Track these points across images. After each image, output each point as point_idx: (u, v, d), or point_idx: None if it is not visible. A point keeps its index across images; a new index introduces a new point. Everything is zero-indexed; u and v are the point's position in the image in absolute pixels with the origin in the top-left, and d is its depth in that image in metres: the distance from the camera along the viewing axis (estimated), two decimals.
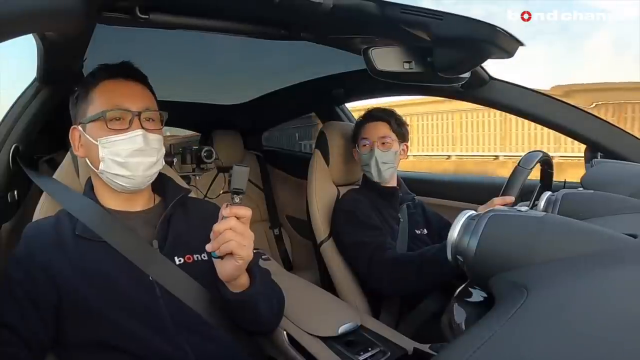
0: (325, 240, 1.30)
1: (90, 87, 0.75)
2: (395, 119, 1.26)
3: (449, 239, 0.40)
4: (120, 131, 0.72)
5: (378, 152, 1.22)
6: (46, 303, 0.68)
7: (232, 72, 1.83)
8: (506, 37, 0.80)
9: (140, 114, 0.73)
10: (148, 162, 0.74)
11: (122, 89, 0.74)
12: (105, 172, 0.73)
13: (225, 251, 0.64)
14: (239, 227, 0.63)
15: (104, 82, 0.74)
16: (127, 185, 0.74)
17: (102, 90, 0.74)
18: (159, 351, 0.68)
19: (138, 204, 0.79)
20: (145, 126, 0.73)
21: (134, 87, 0.75)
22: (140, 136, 0.72)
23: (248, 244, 0.65)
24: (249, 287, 0.70)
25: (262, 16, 0.79)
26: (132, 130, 0.72)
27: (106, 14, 0.69)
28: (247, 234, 0.65)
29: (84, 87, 0.76)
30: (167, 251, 0.75)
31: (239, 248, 0.63)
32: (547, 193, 0.63)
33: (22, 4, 0.48)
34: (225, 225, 0.63)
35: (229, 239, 0.63)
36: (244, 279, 0.70)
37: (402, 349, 0.90)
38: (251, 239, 0.65)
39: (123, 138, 0.71)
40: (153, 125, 0.76)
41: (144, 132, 0.72)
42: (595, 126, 1.12)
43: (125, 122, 0.72)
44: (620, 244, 0.37)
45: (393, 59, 0.88)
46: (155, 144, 0.75)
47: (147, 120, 0.74)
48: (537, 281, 0.32)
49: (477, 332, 0.29)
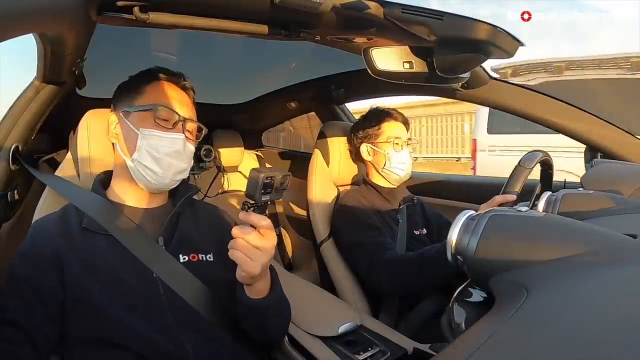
0: (325, 240, 1.30)
1: (145, 81, 0.78)
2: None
3: (449, 239, 0.40)
4: (164, 128, 0.74)
5: (407, 152, 1.25)
6: (52, 299, 0.67)
7: (232, 72, 1.83)
8: (506, 37, 0.81)
9: (185, 121, 0.76)
10: (180, 166, 0.76)
11: (177, 93, 0.78)
12: (138, 161, 0.74)
13: (232, 258, 0.62)
14: (251, 237, 0.60)
15: (159, 81, 0.77)
16: (153, 182, 0.75)
17: (156, 87, 0.77)
18: (160, 348, 0.67)
19: (152, 202, 0.80)
20: (186, 134, 0.76)
21: (186, 96, 0.80)
22: (181, 140, 0.75)
23: (256, 258, 0.61)
24: (266, 295, 0.69)
25: (262, 16, 0.79)
26: (176, 132, 0.75)
27: (106, 14, 0.69)
28: (260, 248, 0.61)
29: (137, 79, 0.79)
30: (172, 249, 0.75)
31: (242, 261, 0.61)
32: (547, 193, 0.63)
33: (22, 4, 0.48)
34: (239, 232, 0.61)
35: (236, 249, 0.61)
36: (262, 285, 0.68)
37: (402, 348, 0.90)
38: (263, 254, 0.62)
39: (165, 136, 0.74)
40: (191, 136, 0.79)
41: (185, 138, 0.75)
42: (595, 126, 1.12)
43: (170, 123, 0.75)
44: (620, 244, 0.37)
45: (393, 59, 0.88)
46: (189, 152, 0.77)
47: (188, 131, 0.77)
48: (537, 281, 0.32)
49: (477, 332, 0.29)
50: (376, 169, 1.28)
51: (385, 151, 1.24)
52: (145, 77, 0.78)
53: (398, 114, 1.29)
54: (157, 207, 0.80)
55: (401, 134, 1.26)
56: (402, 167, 1.24)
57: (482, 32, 0.78)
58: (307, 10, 0.71)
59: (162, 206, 0.81)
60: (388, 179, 1.28)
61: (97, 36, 0.80)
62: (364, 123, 1.30)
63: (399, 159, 1.24)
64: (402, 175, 1.26)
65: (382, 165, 1.26)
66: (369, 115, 1.31)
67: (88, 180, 0.83)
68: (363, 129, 1.29)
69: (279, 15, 0.76)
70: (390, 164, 1.24)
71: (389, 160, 1.24)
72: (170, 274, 0.72)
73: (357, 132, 1.31)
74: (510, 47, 0.85)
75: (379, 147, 1.25)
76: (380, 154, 1.26)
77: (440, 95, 1.38)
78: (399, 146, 1.24)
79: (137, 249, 0.71)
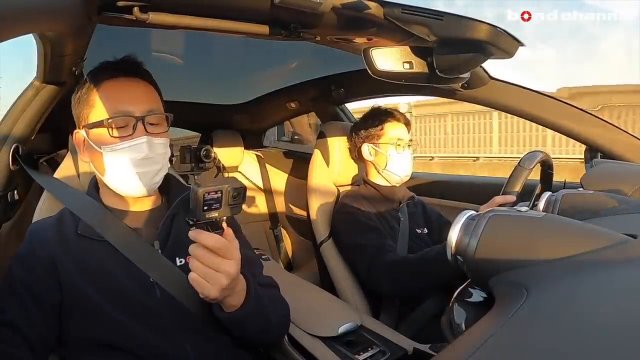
0: (325, 240, 1.30)
1: (92, 88, 0.71)
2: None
3: (449, 239, 0.40)
4: (124, 138, 0.69)
5: (408, 153, 1.25)
6: (49, 301, 0.67)
7: (232, 72, 1.83)
8: (506, 37, 0.81)
9: (144, 119, 0.70)
10: (154, 170, 0.72)
11: (125, 90, 0.71)
12: (111, 179, 0.72)
13: (189, 280, 0.59)
14: (206, 258, 0.57)
15: (105, 82, 0.71)
16: (134, 193, 0.73)
17: (103, 93, 0.70)
18: (159, 351, 0.67)
19: (144, 205, 0.78)
20: (149, 130, 0.70)
21: (136, 88, 0.72)
22: (144, 144, 0.69)
23: (215, 282, 0.57)
24: (238, 308, 0.65)
25: (262, 16, 0.79)
26: (137, 137, 0.69)
27: (106, 14, 0.69)
28: (220, 271, 0.57)
29: (85, 88, 0.72)
30: (168, 252, 0.74)
31: (198, 284, 0.58)
32: (547, 193, 0.63)
33: (21, 4, 0.48)
34: (192, 251, 0.57)
35: (192, 269, 0.58)
36: (235, 300, 0.65)
37: (402, 349, 0.90)
38: (223, 277, 0.57)
39: (127, 146, 0.69)
40: (158, 128, 0.72)
41: (149, 138, 0.70)
42: (596, 126, 1.12)
43: (129, 127, 0.69)
44: (620, 244, 0.37)
45: (393, 59, 0.88)
46: (160, 149, 0.72)
47: (151, 125, 0.71)
48: (537, 281, 0.33)
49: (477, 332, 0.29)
50: (377, 169, 1.28)
51: (387, 152, 1.24)
52: (93, 81, 0.71)
53: (400, 114, 1.29)
54: (151, 210, 0.79)
55: (403, 135, 1.26)
56: (403, 169, 1.24)
57: (482, 32, 0.78)
58: (307, 11, 0.71)
59: (156, 208, 0.80)
60: (388, 180, 1.28)
61: (97, 36, 0.80)
62: (366, 122, 1.30)
63: (400, 160, 1.24)
64: (403, 176, 1.26)
65: (383, 166, 1.26)
66: (371, 114, 1.31)
67: (87, 181, 0.82)
68: (365, 128, 1.29)
69: (279, 16, 0.76)
70: (391, 165, 1.24)
71: (390, 161, 1.24)
72: (167, 278, 0.71)
73: (359, 131, 1.30)
74: (510, 47, 0.85)
75: (381, 148, 1.25)
76: (381, 155, 1.26)
77: (440, 96, 1.38)
78: (401, 147, 1.24)
79: (133, 254, 0.70)
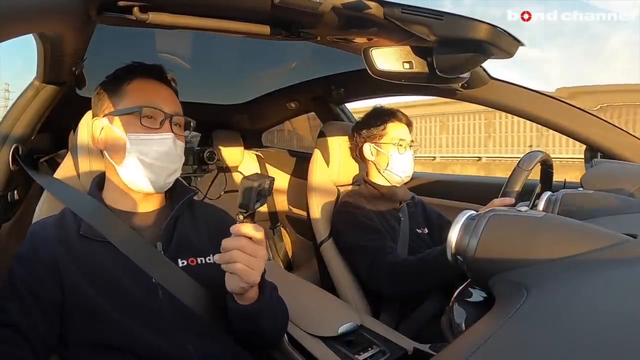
0: (325, 240, 1.30)
1: (124, 81, 0.74)
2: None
3: (449, 239, 0.40)
4: (151, 130, 0.71)
5: (409, 154, 1.26)
6: (51, 301, 0.67)
7: (232, 72, 1.83)
8: (506, 37, 0.81)
9: (172, 117, 0.73)
10: (172, 168, 0.74)
11: (156, 90, 0.75)
12: (129, 169, 0.72)
13: (231, 270, 0.62)
14: (248, 248, 0.61)
15: (138, 79, 0.74)
16: (146, 187, 0.73)
17: (137, 87, 0.74)
18: (162, 352, 0.67)
19: (148, 205, 0.78)
20: (174, 130, 0.74)
21: (167, 91, 0.76)
22: (170, 139, 0.72)
23: (257, 267, 0.62)
24: (255, 300, 0.68)
25: (262, 16, 0.79)
26: (164, 132, 0.72)
27: (106, 14, 0.69)
28: (258, 257, 0.62)
29: (115, 81, 0.75)
30: (171, 253, 0.74)
31: (244, 272, 0.61)
32: (547, 193, 0.63)
33: (21, 4, 0.48)
34: (233, 243, 0.61)
35: (235, 260, 0.61)
36: (253, 292, 0.68)
37: (402, 349, 0.90)
38: (262, 262, 0.62)
39: (154, 138, 0.71)
40: (179, 131, 0.76)
41: (174, 136, 0.73)
42: (595, 126, 1.12)
43: (156, 122, 0.72)
44: (620, 244, 0.37)
45: (393, 59, 0.88)
46: (179, 150, 0.75)
47: (175, 125, 0.75)
48: (537, 281, 0.32)
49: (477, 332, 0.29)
50: (378, 169, 1.28)
51: (389, 152, 1.24)
52: (125, 76, 0.75)
53: (402, 115, 1.29)
54: (155, 211, 0.79)
55: (405, 136, 1.26)
56: (404, 169, 1.24)
57: (482, 32, 0.78)
58: (307, 11, 0.71)
59: (160, 209, 0.80)
60: (389, 180, 1.28)
61: (97, 36, 0.80)
62: (368, 122, 1.30)
63: (402, 161, 1.24)
64: (404, 177, 1.26)
65: (384, 166, 1.26)
66: (373, 114, 1.31)
67: (88, 181, 0.82)
68: (367, 128, 1.29)
69: (279, 16, 0.76)
70: (392, 165, 1.24)
71: (392, 162, 1.24)
72: (170, 279, 0.71)
73: (361, 131, 1.30)
74: (510, 47, 0.85)
75: (382, 148, 1.25)
76: (383, 155, 1.26)
77: (440, 96, 1.38)
78: (403, 148, 1.24)
79: (136, 256, 0.70)
